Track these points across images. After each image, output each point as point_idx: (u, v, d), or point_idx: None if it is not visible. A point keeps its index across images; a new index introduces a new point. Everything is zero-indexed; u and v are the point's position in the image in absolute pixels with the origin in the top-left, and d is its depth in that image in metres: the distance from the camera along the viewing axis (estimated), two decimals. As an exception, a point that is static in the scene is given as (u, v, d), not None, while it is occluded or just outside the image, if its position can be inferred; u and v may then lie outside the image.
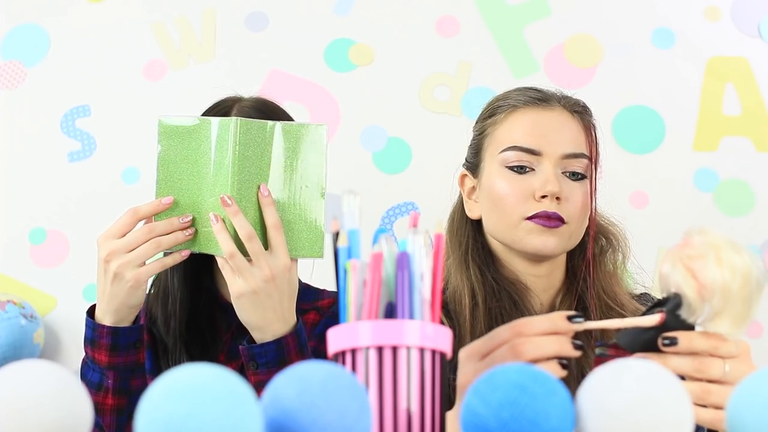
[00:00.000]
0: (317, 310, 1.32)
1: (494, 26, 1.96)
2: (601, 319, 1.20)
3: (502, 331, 0.79)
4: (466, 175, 1.30)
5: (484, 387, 0.59)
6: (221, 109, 1.29)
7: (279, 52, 1.98)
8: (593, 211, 1.25)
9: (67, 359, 1.89)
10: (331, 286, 1.30)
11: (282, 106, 1.33)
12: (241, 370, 1.18)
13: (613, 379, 0.58)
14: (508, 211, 1.20)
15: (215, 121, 1.10)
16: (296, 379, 0.57)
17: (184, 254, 1.11)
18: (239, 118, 1.08)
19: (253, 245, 1.06)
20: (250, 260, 1.07)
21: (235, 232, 1.06)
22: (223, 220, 1.06)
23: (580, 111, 1.26)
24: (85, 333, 1.14)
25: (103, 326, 1.12)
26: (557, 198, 1.18)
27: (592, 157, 1.23)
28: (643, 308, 1.26)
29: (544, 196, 1.18)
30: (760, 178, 1.88)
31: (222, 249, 1.06)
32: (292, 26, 1.99)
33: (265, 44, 1.99)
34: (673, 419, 0.57)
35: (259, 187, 1.08)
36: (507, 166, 1.21)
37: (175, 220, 1.09)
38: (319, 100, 1.95)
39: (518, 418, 0.57)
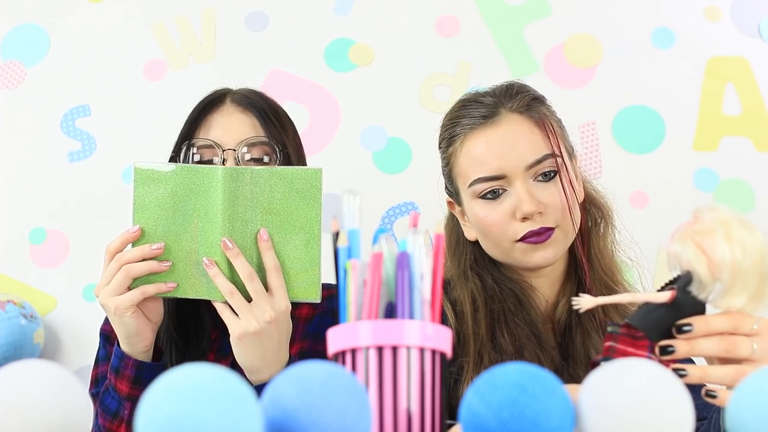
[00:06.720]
0: (310, 304, 1.32)
1: (494, 26, 1.96)
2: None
3: None
4: (451, 202, 1.32)
5: (484, 387, 0.59)
6: (213, 99, 1.29)
7: (279, 52, 1.98)
8: (574, 192, 1.22)
9: (67, 359, 1.89)
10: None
11: (282, 106, 1.33)
12: (233, 368, 1.17)
13: (613, 379, 0.58)
14: (497, 239, 1.22)
15: (201, 168, 1.09)
16: (296, 379, 0.57)
17: (170, 285, 1.09)
18: (226, 167, 1.08)
19: (255, 285, 1.06)
20: (249, 300, 1.07)
21: (232, 276, 1.06)
22: (217, 264, 1.06)
23: (524, 109, 1.23)
24: (112, 361, 1.15)
25: (130, 357, 1.13)
26: (539, 213, 1.19)
27: (555, 151, 1.21)
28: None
29: (525, 218, 1.19)
30: (760, 178, 1.88)
31: (221, 289, 1.06)
32: (292, 26, 1.99)
33: (265, 44, 1.99)
34: (673, 419, 0.57)
35: (258, 232, 1.08)
36: (480, 197, 1.22)
37: (147, 248, 1.09)
38: (319, 100, 1.95)
39: (518, 418, 0.57)
